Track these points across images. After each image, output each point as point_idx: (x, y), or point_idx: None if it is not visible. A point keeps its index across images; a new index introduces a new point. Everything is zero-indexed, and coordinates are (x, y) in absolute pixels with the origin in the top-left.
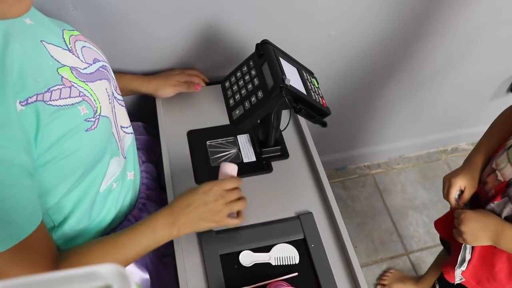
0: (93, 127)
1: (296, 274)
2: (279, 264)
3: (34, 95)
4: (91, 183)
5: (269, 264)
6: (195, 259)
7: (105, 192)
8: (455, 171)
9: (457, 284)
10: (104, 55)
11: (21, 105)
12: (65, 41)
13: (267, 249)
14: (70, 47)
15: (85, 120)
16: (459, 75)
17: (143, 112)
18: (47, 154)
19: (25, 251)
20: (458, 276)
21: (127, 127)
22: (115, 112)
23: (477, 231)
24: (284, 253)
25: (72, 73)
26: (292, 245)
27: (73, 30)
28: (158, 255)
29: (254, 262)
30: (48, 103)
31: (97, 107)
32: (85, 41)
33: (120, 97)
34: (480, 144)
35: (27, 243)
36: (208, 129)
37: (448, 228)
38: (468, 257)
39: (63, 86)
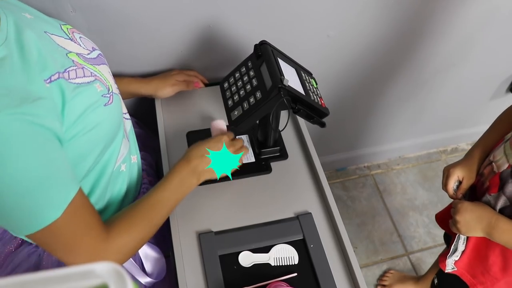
0: (109, 102)
1: (296, 274)
2: (278, 264)
3: (56, 73)
4: (107, 162)
5: (268, 264)
6: (194, 260)
7: (116, 172)
8: (455, 162)
9: (455, 277)
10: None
11: (46, 83)
12: (65, 32)
13: (266, 249)
14: (71, 37)
15: (102, 96)
16: (458, 76)
17: (140, 110)
18: (73, 128)
19: (78, 212)
20: (450, 264)
21: (125, 113)
22: None
23: (472, 222)
24: (283, 254)
25: (80, 57)
26: (291, 246)
27: (66, 24)
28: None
29: (254, 263)
30: (68, 81)
31: (108, 85)
32: (79, 33)
33: (115, 85)
34: (480, 139)
35: (77, 203)
36: (207, 130)
37: (448, 221)
38: (461, 248)
39: (76, 67)
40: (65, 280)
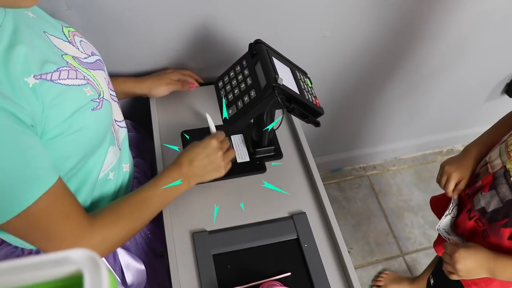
0: (98, 107)
1: (289, 274)
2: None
3: (44, 74)
4: (91, 169)
5: (262, 264)
6: (188, 259)
7: (102, 180)
8: (454, 162)
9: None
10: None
11: (35, 78)
12: (65, 35)
13: (261, 249)
14: (70, 39)
15: (91, 100)
16: (454, 77)
17: (136, 111)
18: (57, 128)
19: (59, 198)
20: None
21: (120, 121)
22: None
23: (473, 269)
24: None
25: (75, 60)
26: (286, 246)
27: (69, 27)
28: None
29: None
30: (56, 81)
31: (100, 90)
32: (81, 37)
33: (113, 93)
34: (479, 138)
35: (55, 192)
36: (202, 129)
37: (441, 206)
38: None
39: (69, 68)
40: (39, 268)
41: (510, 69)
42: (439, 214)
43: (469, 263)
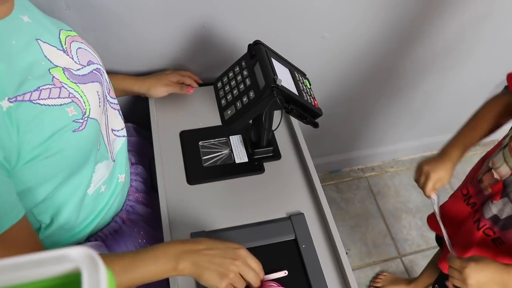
0: (80, 128)
1: (287, 274)
2: None
3: (21, 94)
4: (78, 186)
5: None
6: None
7: (94, 194)
8: (433, 162)
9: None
10: (99, 58)
11: (9, 101)
12: (61, 42)
13: (258, 249)
14: (66, 47)
15: (73, 121)
16: (453, 79)
17: (136, 113)
18: (34, 151)
19: (8, 245)
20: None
21: (118, 130)
22: (107, 115)
23: (485, 284)
24: None
25: (64, 73)
26: (284, 246)
27: (70, 31)
28: None
29: None
30: (35, 102)
31: (86, 109)
32: (81, 43)
33: (114, 101)
34: (458, 136)
35: (9, 236)
36: (200, 129)
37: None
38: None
39: (53, 86)
40: (38, 265)
41: (509, 71)
42: (438, 231)
43: (482, 278)
